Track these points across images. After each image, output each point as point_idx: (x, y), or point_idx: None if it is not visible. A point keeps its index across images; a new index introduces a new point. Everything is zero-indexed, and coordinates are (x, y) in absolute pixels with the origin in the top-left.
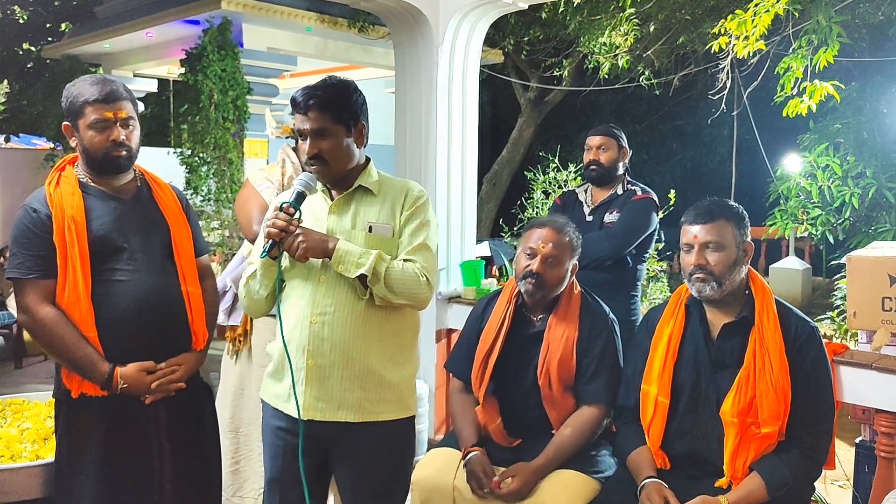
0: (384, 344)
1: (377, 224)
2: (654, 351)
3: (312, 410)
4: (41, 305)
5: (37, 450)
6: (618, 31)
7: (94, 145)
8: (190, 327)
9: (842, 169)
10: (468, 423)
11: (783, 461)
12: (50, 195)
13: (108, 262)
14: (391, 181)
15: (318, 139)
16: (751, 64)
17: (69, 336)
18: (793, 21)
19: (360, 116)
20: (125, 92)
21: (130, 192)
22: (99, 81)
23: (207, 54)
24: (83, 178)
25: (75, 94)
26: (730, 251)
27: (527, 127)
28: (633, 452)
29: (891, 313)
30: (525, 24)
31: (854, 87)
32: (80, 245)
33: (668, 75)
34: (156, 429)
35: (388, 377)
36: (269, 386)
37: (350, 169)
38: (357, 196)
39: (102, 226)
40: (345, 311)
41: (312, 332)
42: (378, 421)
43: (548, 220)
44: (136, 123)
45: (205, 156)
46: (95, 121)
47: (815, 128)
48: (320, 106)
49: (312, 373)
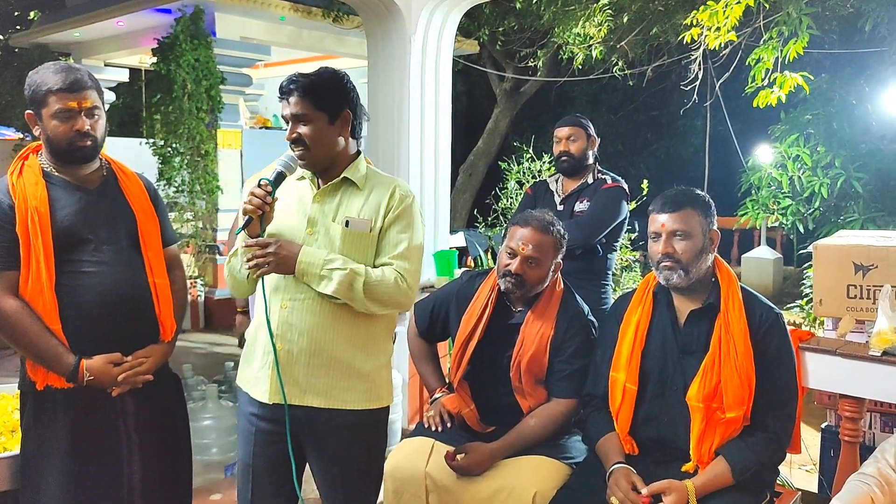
0: (355, 333)
1: (355, 219)
2: (622, 338)
3: (277, 395)
4: (4, 297)
5: (3, 442)
6: (591, 22)
7: (58, 135)
8: (157, 318)
9: (812, 159)
10: (428, 365)
11: (748, 445)
12: (12, 185)
13: (74, 254)
14: (379, 177)
15: (297, 123)
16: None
17: (33, 328)
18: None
19: (345, 105)
20: (90, 80)
21: (96, 182)
22: (63, 70)
23: (180, 43)
24: (47, 168)
25: (38, 83)
26: (696, 239)
27: (502, 117)
28: (602, 439)
29: (855, 300)
30: (500, 15)
31: (824, 78)
32: (43, 236)
33: (642, 66)
34: (123, 420)
35: (359, 366)
36: (241, 370)
37: (334, 158)
38: (343, 188)
39: (67, 216)
40: (315, 300)
41: (282, 318)
42: (347, 409)
43: (532, 219)
44: (101, 113)
45: (178, 146)
46: (59, 110)
47: (785, 119)
48: (301, 92)
49: (281, 357)
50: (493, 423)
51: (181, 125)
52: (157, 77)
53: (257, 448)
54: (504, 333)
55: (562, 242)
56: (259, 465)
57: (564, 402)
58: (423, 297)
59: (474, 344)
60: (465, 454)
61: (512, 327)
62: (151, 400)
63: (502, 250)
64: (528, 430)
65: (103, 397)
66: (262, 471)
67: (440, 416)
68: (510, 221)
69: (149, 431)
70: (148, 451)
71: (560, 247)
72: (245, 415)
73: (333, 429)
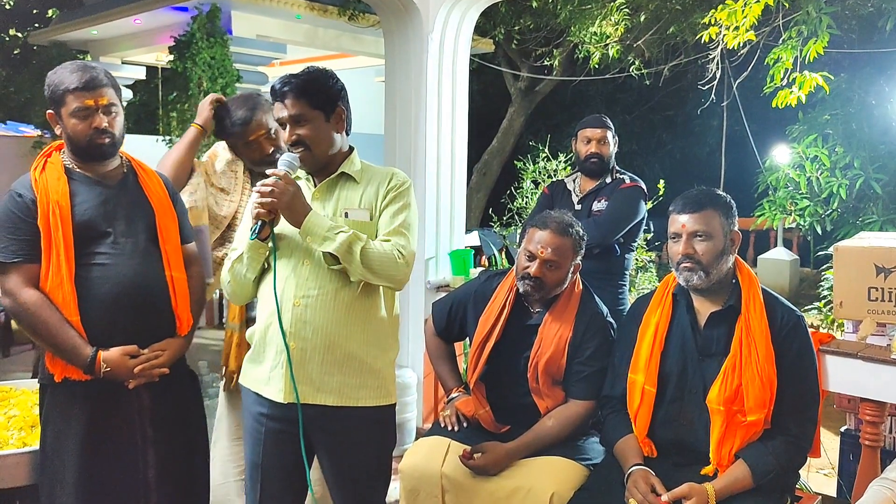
0: (367, 328)
1: (353, 210)
2: (640, 340)
3: (292, 394)
4: (24, 289)
5: (24, 437)
6: (608, 21)
7: (77, 133)
8: (174, 312)
9: (830, 160)
10: (445, 365)
11: (768, 449)
12: (35, 180)
13: (92, 247)
14: (375, 169)
15: (296, 126)
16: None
17: (52, 320)
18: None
19: (338, 101)
20: (106, 78)
21: (116, 178)
22: (79, 69)
23: (196, 41)
24: (69, 164)
25: (56, 83)
26: (717, 240)
27: (517, 116)
28: (620, 441)
29: (877, 303)
30: (516, 14)
31: (843, 78)
32: (63, 229)
33: (659, 65)
34: (139, 414)
35: (371, 363)
36: (248, 370)
37: (332, 155)
38: (340, 183)
39: (87, 210)
40: (328, 296)
41: (295, 315)
42: (359, 406)
43: (551, 222)
44: (118, 110)
45: None
46: (77, 109)
47: (804, 119)
48: (296, 92)
49: (294, 356)
50: (509, 423)
51: None
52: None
53: (267, 448)
54: (522, 334)
55: (581, 244)
56: (269, 464)
57: (582, 404)
58: (441, 297)
59: (492, 344)
60: (481, 454)
61: (530, 328)
62: (167, 395)
63: (521, 252)
64: (546, 431)
65: (119, 391)
66: (271, 470)
67: (455, 417)
68: (528, 222)
69: (164, 426)
70: (163, 446)
71: (579, 248)
72: (253, 415)
73: (346, 426)
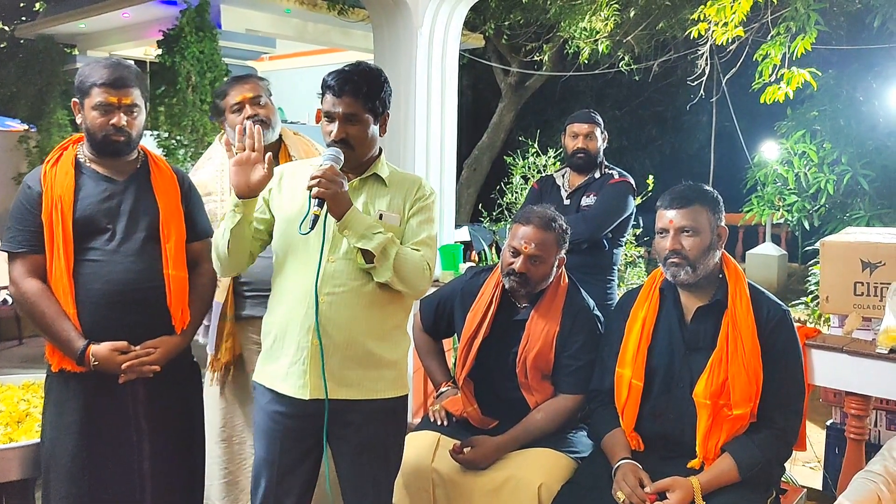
0: (383, 323)
1: (387, 213)
2: (628, 334)
3: (317, 390)
4: (27, 279)
5: (10, 433)
6: (598, 16)
7: (95, 127)
8: (168, 309)
9: (818, 156)
10: (433, 361)
11: (754, 442)
12: (45, 173)
13: (90, 242)
14: (402, 174)
15: (347, 124)
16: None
17: (49, 311)
18: (771, 8)
19: (387, 107)
20: (135, 79)
21: (126, 175)
22: (111, 65)
23: (185, 35)
24: (81, 158)
25: (86, 74)
26: (704, 236)
27: (507, 112)
28: (608, 434)
29: (862, 297)
30: (506, 9)
31: (831, 74)
32: (64, 223)
33: (648, 61)
34: (133, 408)
35: (387, 356)
36: (263, 367)
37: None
38: (370, 183)
39: (89, 206)
40: (352, 293)
41: (320, 312)
42: (377, 399)
43: (533, 217)
44: (140, 110)
45: (182, 138)
46: (99, 103)
47: (792, 115)
48: (354, 91)
49: (316, 352)
50: (498, 418)
51: (185, 117)
52: (162, 69)
53: (286, 444)
54: (509, 330)
55: (564, 237)
56: (286, 461)
57: (571, 398)
58: (428, 294)
59: (480, 341)
60: (471, 448)
61: (517, 323)
62: (164, 389)
63: (505, 248)
64: (535, 425)
65: (114, 383)
66: (287, 466)
67: (444, 413)
68: (513, 218)
69: (159, 420)
70: (158, 439)
71: (563, 242)
72: (268, 412)
73: (363, 418)
